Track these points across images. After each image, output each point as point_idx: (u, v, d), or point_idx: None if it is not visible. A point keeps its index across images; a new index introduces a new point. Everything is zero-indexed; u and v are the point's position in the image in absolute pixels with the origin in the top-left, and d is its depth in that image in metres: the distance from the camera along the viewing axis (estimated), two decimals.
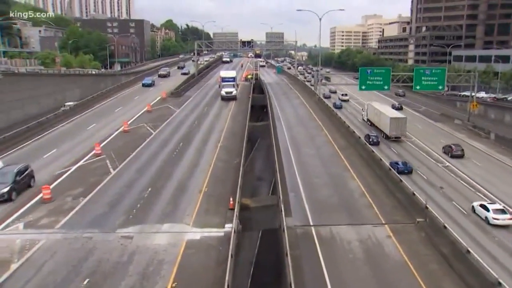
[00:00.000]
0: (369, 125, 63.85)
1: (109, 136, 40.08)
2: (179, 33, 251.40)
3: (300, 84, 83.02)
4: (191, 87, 75.67)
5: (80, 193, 25.55)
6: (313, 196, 27.27)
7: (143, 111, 52.60)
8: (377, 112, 61.50)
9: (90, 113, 51.83)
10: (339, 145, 38.78)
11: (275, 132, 42.47)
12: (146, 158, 32.88)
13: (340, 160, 34.49)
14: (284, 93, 73.63)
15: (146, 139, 38.81)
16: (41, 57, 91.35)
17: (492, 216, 30.57)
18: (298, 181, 29.93)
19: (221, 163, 32.02)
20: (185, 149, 35.77)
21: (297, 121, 50.44)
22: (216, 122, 47.14)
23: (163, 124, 45.23)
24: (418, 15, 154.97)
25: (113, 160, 32.22)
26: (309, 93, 70.06)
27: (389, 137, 55.75)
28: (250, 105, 55.74)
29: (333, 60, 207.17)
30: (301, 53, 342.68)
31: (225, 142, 38.36)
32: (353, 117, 69.19)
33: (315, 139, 41.69)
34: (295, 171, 32.05)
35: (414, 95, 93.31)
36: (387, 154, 47.62)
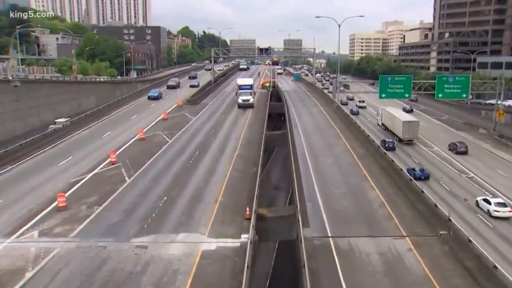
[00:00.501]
0: (383, 129, 67.08)
1: (125, 144, 40.47)
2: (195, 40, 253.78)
3: (318, 92, 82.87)
4: (207, 95, 76.18)
5: (95, 201, 25.87)
6: (331, 206, 27.04)
7: (159, 119, 53.02)
8: (390, 117, 64.38)
9: (106, 121, 52.54)
10: (358, 154, 38.46)
11: (293, 141, 42.32)
12: (161, 167, 33.09)
13: (359, 169, 34.18)
14: (302, 101, 73.57)
15: (162, 147, 39.09)
16: (58, 64, 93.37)
17: (494, 209, 33.81)
18: (316, 191, 29.71)
19: (237, 173, 32.03)
20: (201, 157, 35.93)
21: (315, 129, 50.25)
22: (233, 131, 47.21)
23: (179, 132, 45.52)
24: (441, 21, 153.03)
25: (129, 168, 32.51)
26: (327, 100, 69.83)
27: (402, 140, 58.59)
28: (268, 113, 55.83)
29: (352, 67, 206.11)
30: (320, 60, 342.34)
31: (241, 150, 38.38)
32: (369, 123, 71.37)
33: (333, 147, 41.45)
34: (312, 180, 31.83)
35: (436, 103, 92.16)
36: (403, 159, 48.23)
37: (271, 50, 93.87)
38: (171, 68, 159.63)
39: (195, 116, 55.95)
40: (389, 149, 52.04)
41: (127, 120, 52.79)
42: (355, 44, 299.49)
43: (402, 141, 58.66)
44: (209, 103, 67.30)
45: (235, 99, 67.26)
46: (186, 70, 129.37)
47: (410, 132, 58.93)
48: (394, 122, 62.88)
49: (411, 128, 59.02)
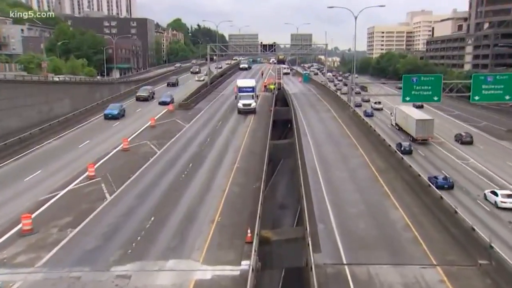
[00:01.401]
0: (397, 129, 72.63)
1: (106, 155, 40.43)
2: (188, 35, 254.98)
3: (330, 95, 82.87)
4: (202, 98, 76.30)
5: (69, 223, 25.58)
6: (346, 228, 26.77)
7: (146, 126, 53.11)
8: (404, 116, 69.11)
9: (83, 128, 52.60)
10: (378, 167, 38.25)
11: (301, 152, 42.21)
12: (149, 182, 32.97)
13: (379, 185, 33.95)
14: (312, 105, 73.54)
15: (150, 159, 39.04)
16: (24, 61, 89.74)
17: (500, 200, 40.89)
18: (328, 210, 29.48)
19: (237, 188, 31.95)
20: (195, 171, 35.83)
21: (327, 138, 50.13)
22: (232, 140, 47.27)
23: (170, 142, 45.51)
24: (479, 9, 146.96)
25: (110, 183, 32.37)
26: (341, 105, 69.77)
27: (416, 139, 63.30)
28: (272, 120, 55.84)
29: (371, 66, 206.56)
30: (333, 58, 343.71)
31: (242, 163, 38.36)
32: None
33: (348, 159, 41.28)
34: (324, 198, 31.61)
35: (471, 107, 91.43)
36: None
37: (276, 46, 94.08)
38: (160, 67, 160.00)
39: (188, 122, 56.01)
40: (406, 152, 55.35)
41: (108, 127, 52.76)
42: (374, 38, 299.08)
43: (415, 140, 63.18)
44: (204, 108, 67.42)
45: (234, 104, 67.32)
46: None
47: (424, 131, 63.06)
48: (408, 121, 67.06)
49: (425, 127, 63.01)
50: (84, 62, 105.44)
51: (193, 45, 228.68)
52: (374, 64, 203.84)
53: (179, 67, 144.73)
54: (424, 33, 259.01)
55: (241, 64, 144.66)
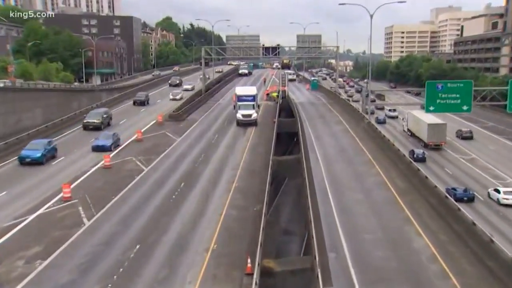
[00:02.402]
0: (409, 135, 78.67)
1: (84, 173, 40.37)
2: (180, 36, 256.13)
3: (342, 104, 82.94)
4: (196, 108, 76.42)
5: (38, 253, 25.37)
6: (362, 258, 26.63)
7: (131, 140, 53.17)
8: (416, 120, 74.61)
9: (58, 142, 52.28)
10: (398, 187, 38.14)
11: (309, 170, 42.16)
12: (134, 204, 32.87)
13: (399, 208, 33.83)
14: (321, 116, 73.61)
15: (135, 177, 39.03)
16: None
17: (502, 197, 47.21)
18: (340, 236, 29.38)
19: (235, 211, 31.93)
20: (188, 191, 35.81)
21: (338, 154, 50.11)
22: (230, 156, 47.37)
23: (159, 158, 45.56)
24: None
25: (88, 206, 32.26)
26: (355, 115, 69.76)
27: (428, 145, 68.24)
28: (276, 133, 55.92)
29: (389, 71, 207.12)
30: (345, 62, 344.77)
31: (241, 182, 38.36)
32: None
33: (363, 179, 41.22)
34: (336, 222, 31.52)
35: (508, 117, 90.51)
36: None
37: (281, 49, 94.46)
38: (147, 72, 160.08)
39: (179, 136, 56.11)
40: (419, 160, 59.10)
41: (86, 141, 52.65)
42: (392, 39, 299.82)
43: (427, 146, 68.40)
44: (198, 119, 67.58)
45: (232, 114, 67.43)
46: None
47: (436, 136, 68.11)
48: (419, 125, 72.46)
49: (438, 132, 68.07)
50: (59, 66, 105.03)
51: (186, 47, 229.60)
52: (393, 69, 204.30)
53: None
54: (451, 33, 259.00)
55: (241, 70, 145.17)
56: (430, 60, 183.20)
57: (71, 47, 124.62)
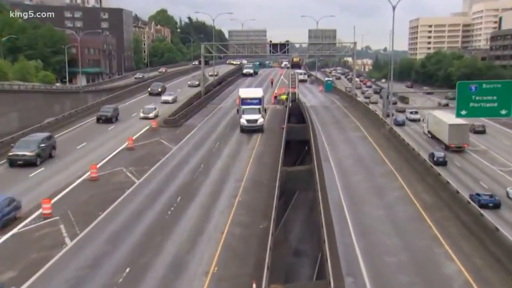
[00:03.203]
0: (429, 137, 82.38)
1: (66, 186, 40.25)
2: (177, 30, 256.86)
3: (360, 108, 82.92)
4: (195, 113, 76.59)
5: (12, 279, 25.10)
6: (383, 284, 26.41)
7: (121, 148, 53.23)
8: (437, 121, 78.35)
9: None
10: (424, 202, 37.91)
11: (323, 182, 42.00)
12: (124, 221, 32.78)
13: (426, 227, 33.60)
14: (336, 122, 73.57)
15: (125, 190, 38.96)
16: None
17: None
18: (358, 258, 29.15)
19: (239, 229, 31.86)
20: (185, 206, 35.76)
21: (356, 164, 50.02)
22: (233, 166, 47.45)
23: (152, 168, 45.59)
24: None
25: (71, 224, 32.14)
26: (374, 120, 69.71)
27: (449, 147, 71.32)
28: (285, 141, 55.91)
29: (413, 70, 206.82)
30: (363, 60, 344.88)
31: (245, 196, 38.33)
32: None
33: (384, 192, 41.05)
34: (353, 242, 31.31)
35: None
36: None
37: (290, 46, 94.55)
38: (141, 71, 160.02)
39: (176, 144, 56.16)
40: (439, 163, 61.05)
41: (70, 150, 52.80)
42: (418, 34, 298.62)
43: (449, 148, 71.60)
44: (197, 125, 67.74)
45: (236, 119, 67.54)
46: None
47: (458, 137, 71.28)
48: (440, 126, 76.01)
49: (460, 133, 71.30)
50: (38, 64, 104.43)
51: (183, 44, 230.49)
52: (418, 68, 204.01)
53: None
54: (487, 26, 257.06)
55: (245, 69, 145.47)
56: (462, 57, 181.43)
57: (53, 43, 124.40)
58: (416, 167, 46.93)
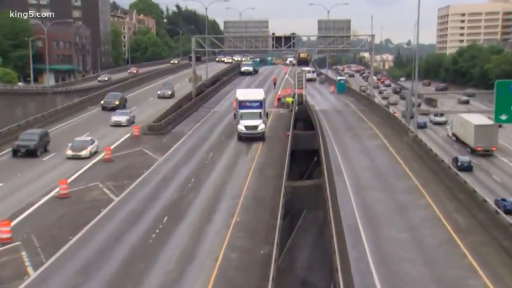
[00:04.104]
0: (453, 140, 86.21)
1: (30, 206, 40.03)
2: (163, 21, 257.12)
3: (378, 112, 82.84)
4: (184, 118, 76.86)
5: None
6: None
7: (97, 160, 53.42)
8: (461, 122, 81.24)
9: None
10: (457, 224, 37.62)
11: (334, 199, 41.56)
12: (99, 246, 32.58)
13: (459, 253, 33.31)
14: (350, 128, 73.51)
15: (102, 210, 38.74)
16: None
17: None
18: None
19: (236, 255, 31.82)
20: (173, 228, 35.64)
21: (374, 178, 49.87)
22: (229, 180, 47.49)
23: (134, 183, 45.56)
24: None
25: (35, 250, 31.91)
26: (395, 127, 69.57)
27: (475, 150, 74.03)
28: (290, 150, 55.86)
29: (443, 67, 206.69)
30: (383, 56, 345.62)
31: (244, 216, 38.19)
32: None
33: (408, 212, 40.81)
34: (371, 272, 31.08)
35: None
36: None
37: (297, 39, 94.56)
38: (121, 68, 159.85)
39: (162, 154, 56.26)
40: (464, 169, 63.36)
41: (35, 162, 52.85)
42: (448, 25, 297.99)
43: (474, 152, 74.51)
44: (187, 132, 67.93)
45: (232, 125, 67.72)
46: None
47: (485, 140, 73.80)
48: (465, 128, 78.99)
49: (487, 135, 73.72)
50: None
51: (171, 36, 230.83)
52: (449, 65, 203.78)
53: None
54: None
55: (243, 67, 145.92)
56: (502, 52, 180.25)
57: (14, 34, 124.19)
58: (446, 181, 46.53)
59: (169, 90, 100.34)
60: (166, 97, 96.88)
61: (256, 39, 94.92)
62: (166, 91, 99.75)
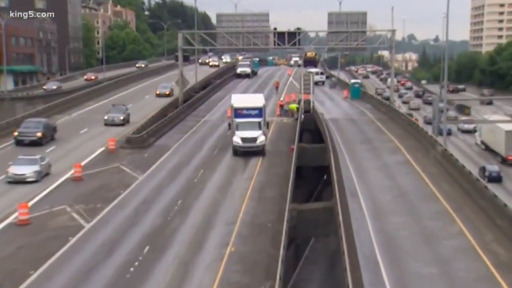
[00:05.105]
0: (483, 149, 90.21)
1: None
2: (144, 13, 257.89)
3: (399, 121, 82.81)
4: (169, 128, 76.91)
5: None
6: None
7: (64, 179, 53.34)
8: (491, 128, 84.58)
9: None
10: (496, 256, 37.38)
11: (348, 226, 41.55)
12: (66, 283, 32.35)
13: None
14: (367, 141, 73.47)
15: (69, 239, 38.52)
16: None
17: None
18: None
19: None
20: (155, 261, 35.46)
21: (395, 201, 49.79)
22: (223, 203, 47.46)
23: (109, 207, 45.47)
24: None
25: None
26: (420, 139, 69.52)
27: (506, 159, 77.72)
28: (295, 167, 55.80)
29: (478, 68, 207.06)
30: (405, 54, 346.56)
31: (240, 245, 38.14)
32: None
33: (437, 241, 40.57)
34: None
35: None
36: None
37: (303, 35, 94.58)
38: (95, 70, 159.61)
39: (142, 172, 56.41)
40: (492, 179, 66.10)
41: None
42: (484, 18, 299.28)
43: (506, 161, 78.33)
44: (172, 145, 68.22)
45: (227, 137, 67.95)
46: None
47: None
48: (496, 135, 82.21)
49: None
50: None
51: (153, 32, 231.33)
52: (486, 65, 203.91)
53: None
54: None
55: (239, 68, 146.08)
56: None
57: None
58: (483, 205, 46.33)
59: (121, 114, 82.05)
60: (116, 124, 79.97)
61: (254, 35, 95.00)
62: (117, 115, 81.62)
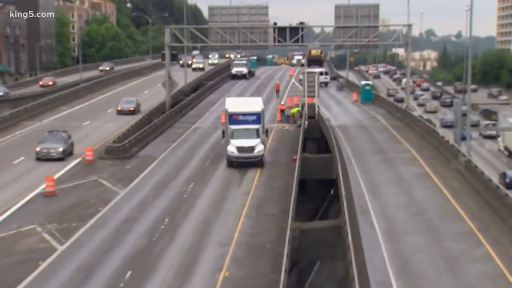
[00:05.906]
0: (506, 155, 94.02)
1: None
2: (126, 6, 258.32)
3: (416, 128, 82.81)
4: (154, 137, 77.23)
5: None
6: None
7: (34, 194, 53.25)
8: None
9: None
10: None
11: (359, 248, 41.44)
12: None
13: None
14: (380, 151, 73.54)
15: (40, 263, 38.32)
16: None
17: None
18: None
19: None
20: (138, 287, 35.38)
21: (413, 219, 49.82)
22: (216, 221, 47.48)
23: (86, 226, 45.37)
24: None
25: None
26: (440, 148, 69.46)
27: None
28: (297, 180, 56.01)
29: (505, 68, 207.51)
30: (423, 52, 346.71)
31: (235, 270, 38.02)
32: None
33: (461, 265, 40.57)
34: None
35: None
36: None
37: (306, 31, 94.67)
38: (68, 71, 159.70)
39: (124, 185, 56.52)
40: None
41: None
42: None
43: None
44: (159, 156, 68.35)
45: (221, 147, 68.11)
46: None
47: None
48: None
49: None
50: None
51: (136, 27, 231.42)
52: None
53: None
54: None
55: (234, 68, 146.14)
56: None
57: None
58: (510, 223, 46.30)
59: (60, 145, 67.00)
60: (53, 158, 65.84)
61: (252, 30, 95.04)
62: (54, 147, 66.48)
